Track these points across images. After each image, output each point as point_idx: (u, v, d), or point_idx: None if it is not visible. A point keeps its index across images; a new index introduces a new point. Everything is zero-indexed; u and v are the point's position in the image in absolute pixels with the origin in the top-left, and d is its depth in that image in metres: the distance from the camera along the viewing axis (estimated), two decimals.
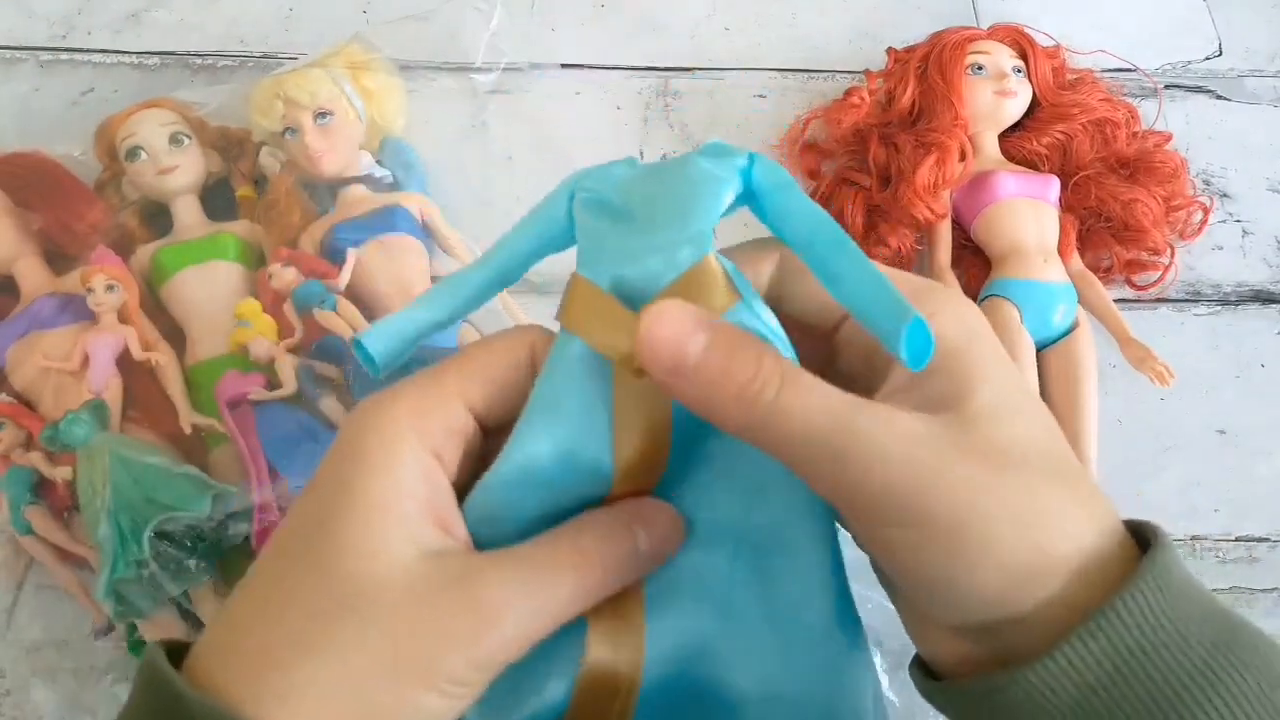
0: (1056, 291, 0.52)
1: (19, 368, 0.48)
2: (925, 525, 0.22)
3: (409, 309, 0.26)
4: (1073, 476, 0.24)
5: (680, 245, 0.23)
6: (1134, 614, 0.22)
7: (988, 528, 0.22)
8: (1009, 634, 0.23)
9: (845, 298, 0.23)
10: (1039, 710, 0.22)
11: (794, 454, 0.23)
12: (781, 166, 0.25)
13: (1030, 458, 0.23)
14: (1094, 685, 0.22)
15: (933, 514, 0.22)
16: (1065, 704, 0.22)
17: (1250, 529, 0.49)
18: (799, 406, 0.22)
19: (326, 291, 0.48)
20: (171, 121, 0.53)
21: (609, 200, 0.24)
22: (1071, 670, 0.22)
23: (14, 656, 0.45)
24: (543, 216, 0.26)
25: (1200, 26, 0.66)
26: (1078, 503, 0.23)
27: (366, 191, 0.53)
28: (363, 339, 0.25)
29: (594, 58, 0.63)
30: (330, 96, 0.53)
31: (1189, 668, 0.21)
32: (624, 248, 0.24)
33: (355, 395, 0.46)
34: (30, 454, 0.46)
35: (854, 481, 0.22)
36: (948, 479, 0.22)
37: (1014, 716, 0.23)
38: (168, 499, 0.42)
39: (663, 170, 0.25)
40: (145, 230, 0.53)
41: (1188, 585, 0.23)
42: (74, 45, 0.62)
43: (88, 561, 0.45)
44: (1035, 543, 0.22)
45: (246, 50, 0.62)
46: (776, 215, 0.25)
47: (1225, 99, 0.63)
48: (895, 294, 0.22)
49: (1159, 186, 0.55)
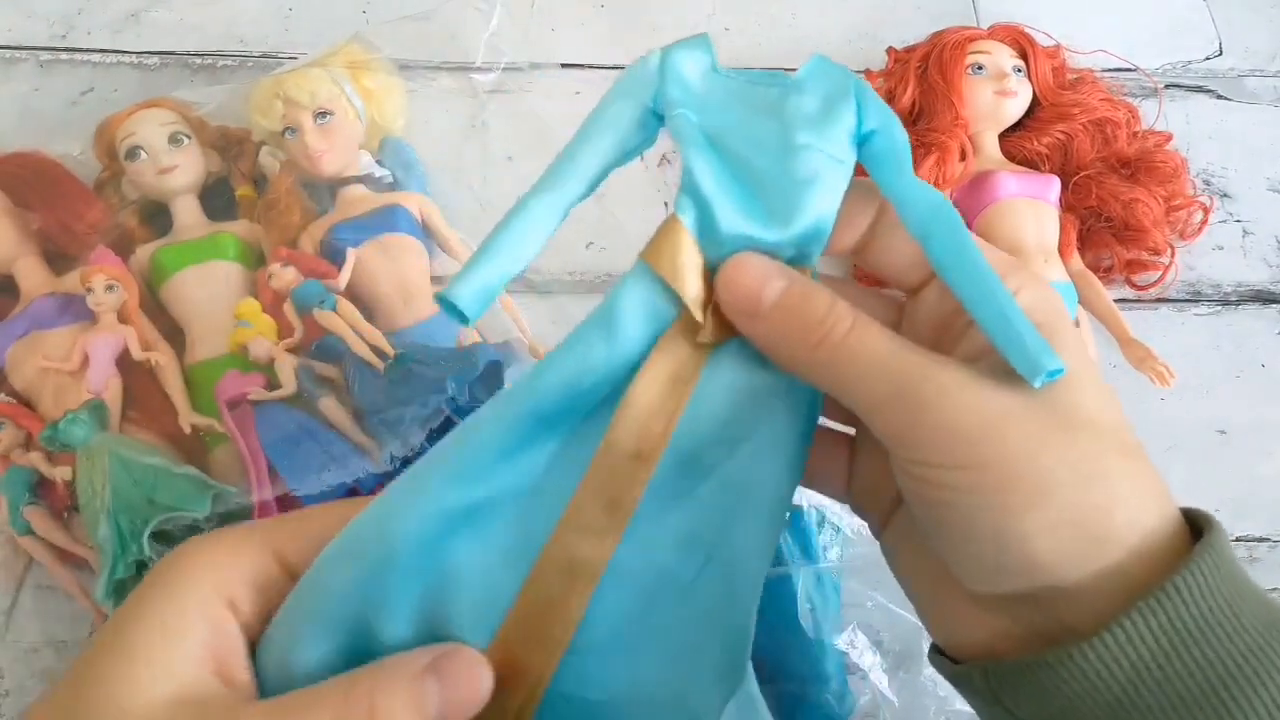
0: (1057, 291, 0.52)
1: (19, 368, 0.48)
2: (984, 470, 0.22)
3: (482, 253, 0.25)
4: (1137, 455, 0.23)
5: (788, 247, 0.24)
6: (1192, 592, 0.21)
7: (1047, 482, 0.22)
8: (1053, 606, 0.23)
9: (968, 303, 0.23)
10: (1088, 689, 0.22)
11: (857, 389, 0.23)
12: (896, 123, 0.24)
13: (1098, 427, 0.23)
14: (1147, 663, 0.21)
15: (993, 459, 0.22)
16: (1117, 681, 0.21)
17: (1250, 529, 0.49)
18: (869, 345, 0.23)
19: (326, 291, 0.48)
20: (171, 121, 0.53)
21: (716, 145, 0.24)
22: (1128, 646, 0.21)
23: (13, 657, 0.45)
24: (612, 124, 0.25)
25: (1200, 26, 0.66)
26: (1139, 479, 0.23)
27: (366, 191, 0.53)
28: (448, 294, 0.25)
29: (594, 58, 0.63)
30: (330, 96, 0.53)
31: (1242, 648, 0.21)
32: (730, 223, 0.24)
33: (355, 395, 0.46)
34: (30, 454, 0.46)
35: (916, 418, 0.22)
36: (1014, 428, 0.22)
37: (1058, 697, 0.22)
38: (168, 499, 0.42)
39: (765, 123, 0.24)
40: (145, 230, 0.53)
41: (1240, 570, 0.23)
42: (74, 45, 0.62)
43: (87, 562, 0.45)
44: (1094, 508, 0.22)
45: (246, 50, 0.62)
46: (889, 191, 0.24)
47: (1225, 99, 0.62)
48: (1024, 321, 0.22)
49: (1159, 186, 0.55)
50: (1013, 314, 0.22)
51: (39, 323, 0.49)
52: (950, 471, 0.22)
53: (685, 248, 0.24)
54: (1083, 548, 0.22)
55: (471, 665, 0.23)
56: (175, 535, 0.42)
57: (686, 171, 0.24)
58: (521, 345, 0.49)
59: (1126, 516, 0.22)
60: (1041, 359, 0.22)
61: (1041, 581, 0.22)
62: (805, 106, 0.24)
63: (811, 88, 0.24)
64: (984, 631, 0.25)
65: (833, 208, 0.24)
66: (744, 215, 0.24)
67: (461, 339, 0.49)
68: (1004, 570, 0.23)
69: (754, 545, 0.26)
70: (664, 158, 0.59)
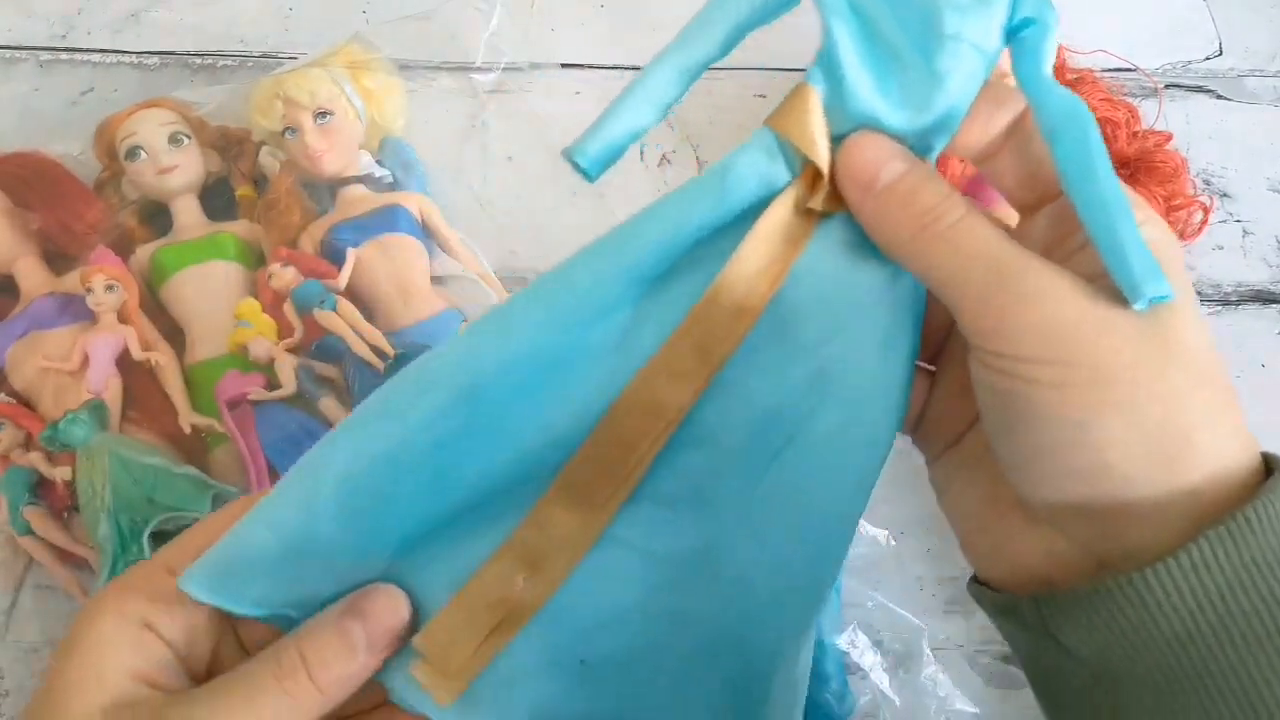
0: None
1: (19, 368, 0.48)
2: (1073, 367, 0.22)
3: (610, 111, 0.25)
4: (1227, 392, 0.23)
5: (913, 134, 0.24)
6: (1264, 523, 0.21)
7: (1134, 391, 0.21)
8: (1115, 525, 0.22)
9: (1084, 211, 0.23)
10: (1147, 620, 0.21)
11: (958, 278, 0.23)
12: (1052, 13, 0.23)
13: (1195, 359, 0.22)
14: (1211, 595, 0.21)
15: (1084, 359, 0.22)
16: (1178, 614, 0.21)
17: None
18: (978, 234, 0.23)
19: (326, 291, 0.48)
20: (171, 121, 0.53)
21: (859, 18, 0.24)
22: (1193, 576, 0.21)
23: (13, 657, 0.45)
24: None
25: (1200, 26, 0.66)
26: (1225, 412, 0.23)
27: (366, 191, 0.53)
28: (572, 152, 0.25)
29: (594, 58, 0.63)
30: (330, 96, 0.53)
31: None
32: (862, 100, 0.24)
33: (355, 395, 0.46)
34: (30, 454, 0.46)
35: (1014, 311, 0.22)
36: (1111, 337, 0.22)
37: (1113, 628, 0.22)
38: (168, 499, 0.42)
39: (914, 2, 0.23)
40: (145, 230, 0.53)
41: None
42: (74, 45, 0.62)
43: (87, 562, 0.45)
44: (1175, 426, 0.22)
45: (246, 50, 0.62)
46: (1027, 84, 0.24)
47: (1225, 99, 0.62)
48: (1138, 240, 0.22)
49: (1159, 186, 0.55)
50: (1127, 230, 0.22)
51: (39, 323, 0.49)
52: (1039, 366, 0.22)
53: (817, 115, 0.24)
54: (1158, 462, 0.21)
55: (388, 598, 0.25)
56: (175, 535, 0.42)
57: (827, 41, 0.24)
58: None
59: (1206, 441, 0.22)
60: (1148, 280, 0.21)
61: (1109, 492, 0.22)
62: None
63: None
64: (1035, 556, 0.24)
65: (966, 102, 0.24)
66: (877, 94, 0.24)
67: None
68: (1073, 474, 0.22)
69: (847, 464, 0.26)
70: (664, 158, 0.59)
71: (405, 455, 0.25)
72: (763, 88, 0.61)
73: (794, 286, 0.25)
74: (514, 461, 0.25)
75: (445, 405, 0.25)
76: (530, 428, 0.25)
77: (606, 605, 0.26)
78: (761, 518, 0.26)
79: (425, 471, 0.25)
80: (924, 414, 0.28)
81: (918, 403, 0.28)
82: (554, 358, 0.25)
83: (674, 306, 0.25)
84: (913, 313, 0.26)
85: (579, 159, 0.25)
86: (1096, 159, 0.23)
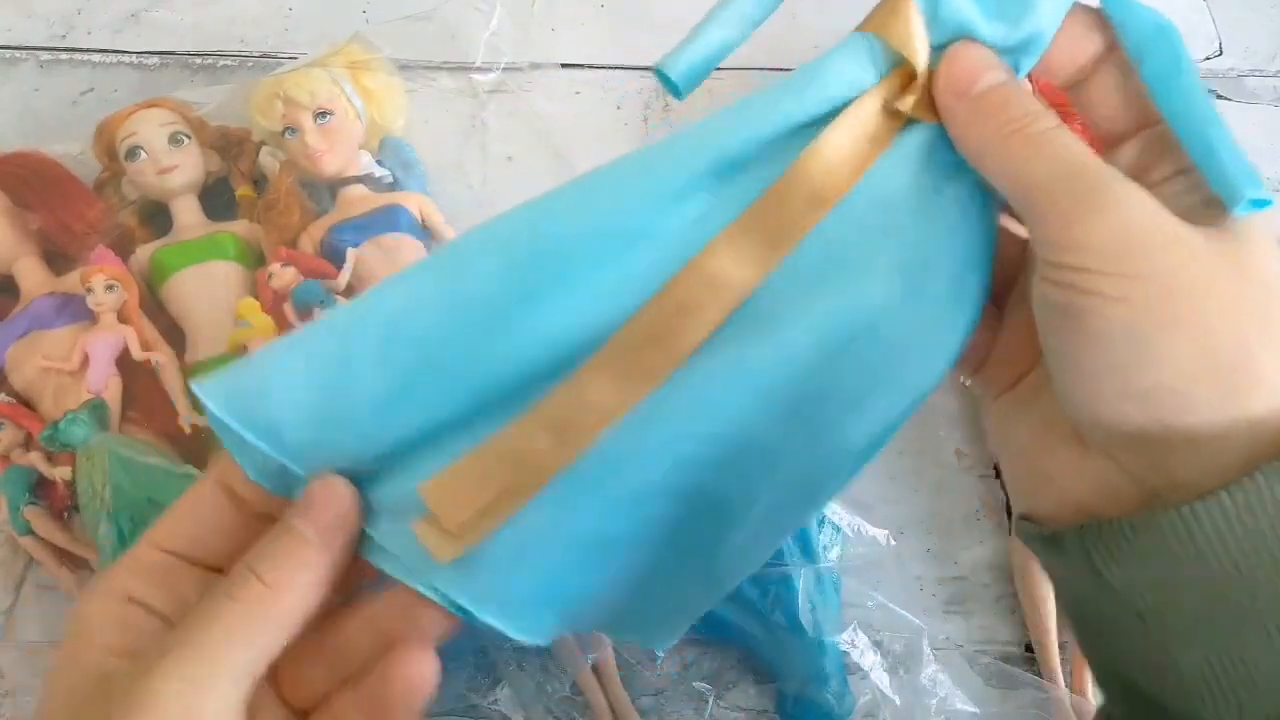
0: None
1: (19, 368, 0.48)
2: (1143, 281, 0.21)
3: (704, 26, 0.26)
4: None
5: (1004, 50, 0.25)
6: None
7: (1202, 310, 0.21)
8: (1170, 454, 0.22)
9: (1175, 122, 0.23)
10: (1195, 555, 0.20)
11: (1038, 182, 0.23)
12: None
13: (1270, 285, 0.22)
14: (1265, 532, 0.20)
15: (1155, 273, 0.21)
16: (1228, 550, 0.20)
17: None
18: (1063, 142, 0.23)
19: (326, 292, 0.48)
20: (171, 121, 0.53)
21: None
22: (1247, 512, 0.20)
23: (14, 657, 0.45)
24: None
25: (1200, 26, 0.66)
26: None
27: (366, 191, 0.53)
28: (662, 66, 0.26)
29: (594, 58, 0.63)
30: (330, 96, 0.53)
31: None
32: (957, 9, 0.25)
33: None
34: (30, 454, 0.46)
35: (1091, 218, 0.22)
36: (1185, 253, 0.21)
37: (1161, 562, 0.21)
38: (168, 499, 0.42)
39: None
40: (145, 230, 0.53)
41: None
42: (74, 45, 0.62)
43: (88, 562, 0.45)
44: (1243, 351, 0.21)
45: (246, 50, 0.62)
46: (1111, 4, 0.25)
47: (1225, 99, 0.62)
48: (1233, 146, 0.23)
49: None
50: (1220, 137, 0.22)
51: (39, 323, 0.49)
52: (1108, 278, 0.21)
53: (916, 19, 0.25)
54: (1220, 387, 0.21)
55: (327, 486, 0.25)
56: None
57: None
58: None
59: (1272, 370, 0.21)
60: (1246, 183, 0.21)
61: (1167, 418, 0.21)
62: None
63: None
64: (1086, 488, 0.24)
65: (1055, 23, 0.25)
66: (973, 3, 0.24)
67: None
68: (1132, 395, 0.22)
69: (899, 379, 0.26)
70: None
71: (457, 308, 0.24)
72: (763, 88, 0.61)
73: (871, 185, 0.25)
74: (567, 331, 0.25)
75: (506, 265, 0.24)
76: (589, 299, 0.25)
77: (632, 480, 0.25)
78: (810, 412, 0.25)
79: (473, 331, 0.24)
80: (992, 352, 0.28)
81: (983, 346, 0.28)
82: (626, 234, 0.25)
83: (748, 194, 0.25)
84: (986, 245, 0.26)
85: (670, 72, 0.26)
86: (1186, 71, 0.24)
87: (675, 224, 0.25)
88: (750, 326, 0.25)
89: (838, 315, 0.25)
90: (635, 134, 0.59)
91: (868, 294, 0.25)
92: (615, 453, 0.25)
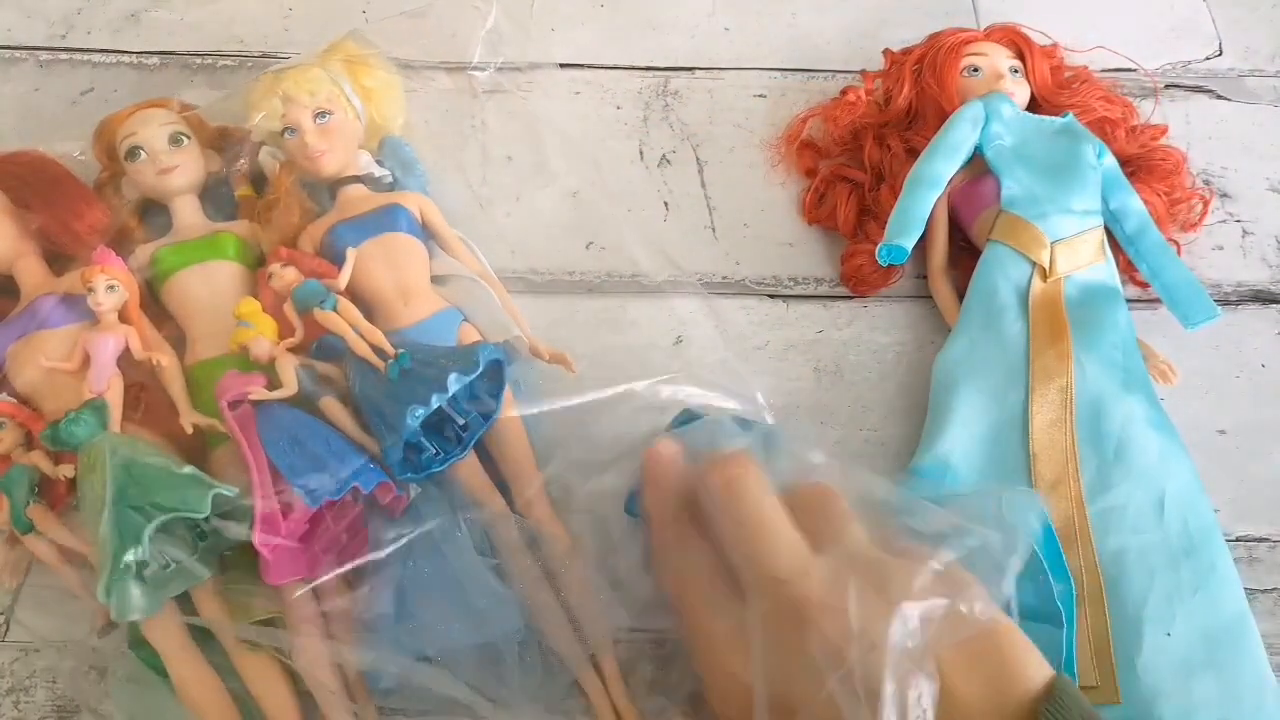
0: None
1: (20, 368, 0.48)
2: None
3: (907, 202, 0.49)
4: None
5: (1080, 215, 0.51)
6: None
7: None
8: None
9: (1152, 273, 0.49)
10: None
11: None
12: (1106, 151, 0.52)
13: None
14: None
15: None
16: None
17: (1250, 529, 0.49)
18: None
19: (326, 291, 0.48)
20: (171, 121, 0.53)
21: (1021, 154, 0.52)
22: None
23: (14, 656, 0.45)
24: (954, 145, 0.52)
25: (1200, 26, 0.66)
26: None
27: (366, 191, 0.53)
28: (889, 253, 0.49)
29: (594, 57, 0.63)
30: (329, 96, 0.53)
31: None
32: (1043, 205, 0.50)
33: (356, 394, 0.46)
34: (31, 453, 0.46)
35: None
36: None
37: None
38: (168, 499, 0.42)
39: (1053, 144, 0.53)
40: (145, 230, 0.53)
41: None
42: (74, 45, 0.62)
43: (89, 560, 0.45)
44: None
45: (246, 50, 0.62)
46: (1113, 201, 0.52)
47: (1225, 99, 0.63)
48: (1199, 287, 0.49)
49: (1160, 183, 0.56)
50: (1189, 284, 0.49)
51: (39, 323, 0.48)
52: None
53: (1021, 227, 0.50)
54: None
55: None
56: (176, 535, 0.42)
57: (1003, 172, 0.52)
58: (522, 344, 0.49)
59: None
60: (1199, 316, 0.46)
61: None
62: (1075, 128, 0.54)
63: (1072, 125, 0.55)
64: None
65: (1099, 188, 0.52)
66: (1049, 200, 0.51)
67: (462, 337, 0.49)
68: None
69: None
70: (664, 158, 0.59)
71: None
72: (763, 88, 0.61)
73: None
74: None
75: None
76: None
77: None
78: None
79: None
80: None
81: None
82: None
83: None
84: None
85: (904, 245, 0.46)
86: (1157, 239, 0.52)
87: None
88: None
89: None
90: (635, 133, 0.59)
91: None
92: None
